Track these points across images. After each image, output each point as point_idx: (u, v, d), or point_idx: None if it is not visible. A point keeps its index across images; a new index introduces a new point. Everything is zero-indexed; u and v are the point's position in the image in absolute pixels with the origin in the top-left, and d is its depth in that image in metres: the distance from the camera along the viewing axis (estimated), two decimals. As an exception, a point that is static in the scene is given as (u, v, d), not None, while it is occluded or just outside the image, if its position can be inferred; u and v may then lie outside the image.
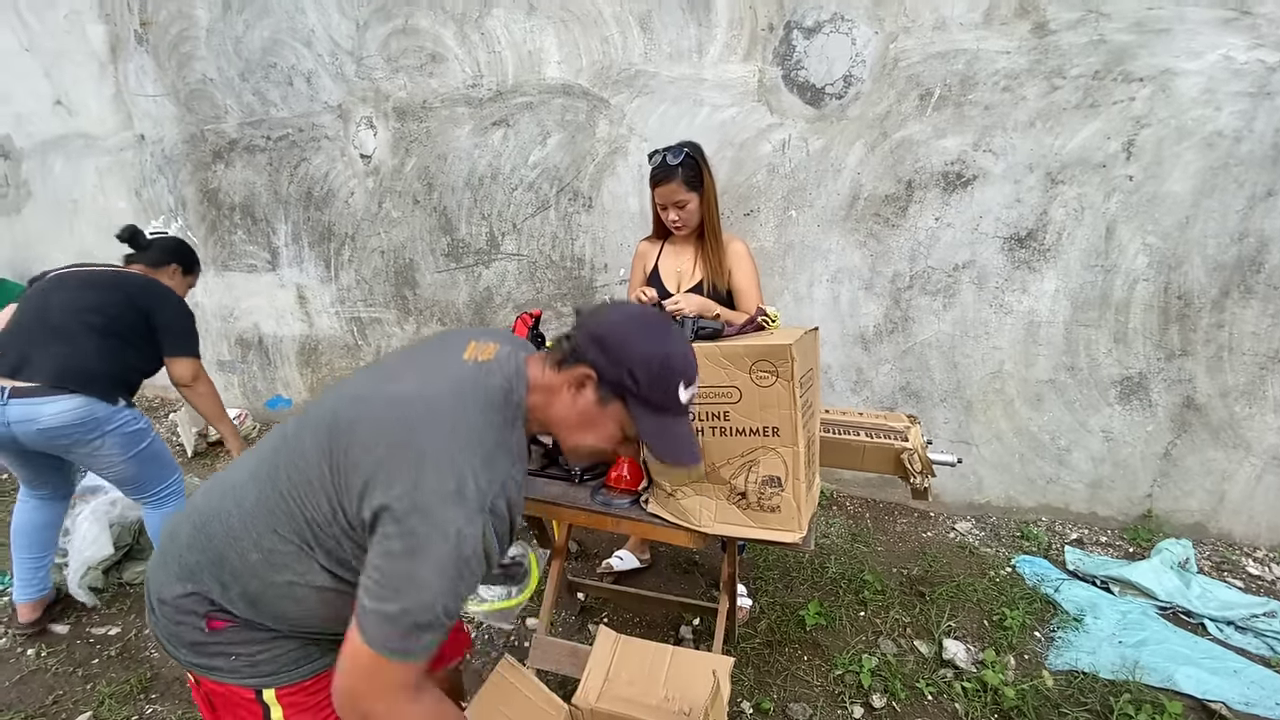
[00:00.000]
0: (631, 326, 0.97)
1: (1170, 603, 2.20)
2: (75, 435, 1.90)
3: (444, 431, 0.86)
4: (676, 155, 1.84)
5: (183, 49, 3.55)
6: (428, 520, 0.80)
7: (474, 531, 0.82)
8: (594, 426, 0.99)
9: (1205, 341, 2.36)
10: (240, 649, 0.96)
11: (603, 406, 0.96)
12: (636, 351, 0.94)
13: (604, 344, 0.95)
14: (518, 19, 2.83)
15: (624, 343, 0.95)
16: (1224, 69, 2.11)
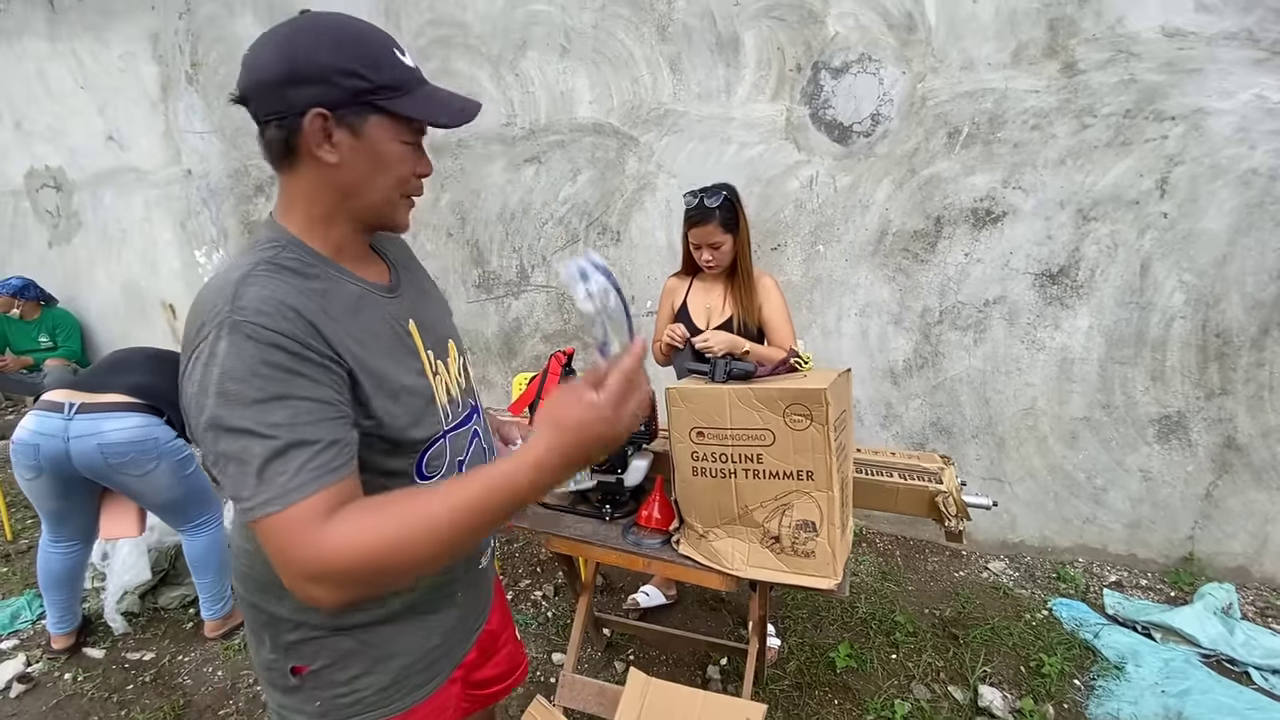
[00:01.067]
0: (290, 42, 0.72)
1: (1214, 650, 2.13)
2: (133, 454, 1.96)
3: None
4: (714, 198, 1.87)
5: (231, 88, 3.70)
6: (195, 374, 0.67)
7: (227, 349, 0.66)
8: (376, 170, 0.77)
9: (1245, 380, 2.31)
10: (333, 690, 0.85)
11: (360, 135, 0.74)
12: (324, 51, 0.71)
13: (295, 80, 0.71)
14: (551, 61, 2.92)
15: (307, 58, 0.71)
16: (1257, 108, 2.10)
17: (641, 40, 2.74)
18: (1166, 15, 2.12)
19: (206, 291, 0.71)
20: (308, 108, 0.71)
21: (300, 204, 0.78)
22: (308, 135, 0.72)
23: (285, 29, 0.74)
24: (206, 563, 2.24)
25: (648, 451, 1.67)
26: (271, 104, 0.73)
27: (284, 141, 0.74)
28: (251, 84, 0.73)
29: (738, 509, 1.39)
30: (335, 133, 0.73)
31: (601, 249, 3.06)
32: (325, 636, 0.84)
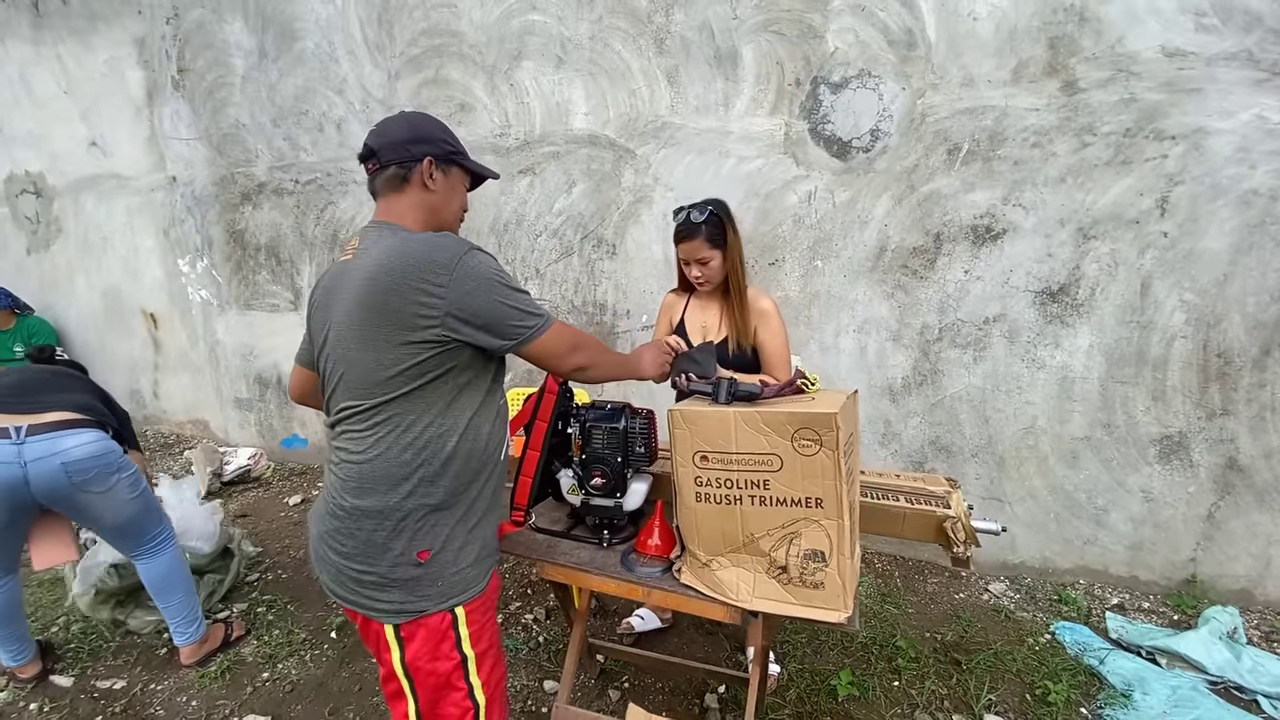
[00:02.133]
0: (413, 120, 1.25)
1: (1221, 677, 2.09)
2: (97, 469, 1.89)
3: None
4: (701, 212, 1.81)
5: (218, 95, 3.65)
6: (470, 276, 1.09)
7: (483, 259, 1.12)
8: (452, 194, 1.27)
9: (1247, 401, 2.29)
10: (448, 569, 1.15)
11: (446, 175, 1.24)
12: (433, 128, 1.24)
13: (419, 138, 1.20)
14: (546, 71, 2.88)
15: (426, 129, 1.23)
16: (1258, 129, 2.09)
17: (639, 52, 2.71)
18: (1167, 35, 2.11)
19: (431, 248, 1.10)
20: (424, 156, 1.20)
21: (409, 214, 1.21)
22: (421, 171, 1.20)
23: (405, 114, 1.30)
24: (171, 583, 2.14)
25: (647, 474, 1.61)
26: (397, 154, 1.19)
27: (403, 177, 1.20)
28: (384, 142, 1.20)
29: (743, 537, 1.33)
30: (436, 173, 1.22)
31: (596, 262, 3.01)
32: (440, 521, 1.16)
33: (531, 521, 1.62)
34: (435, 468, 1.14)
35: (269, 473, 3.91)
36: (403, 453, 1.12)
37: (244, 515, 3.41)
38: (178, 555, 2.18)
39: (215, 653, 2.27)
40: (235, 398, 4.20)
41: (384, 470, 1.13)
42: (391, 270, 1.07)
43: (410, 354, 1.09)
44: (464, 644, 1.18)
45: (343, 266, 1.18)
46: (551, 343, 1.18)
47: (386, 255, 1.10)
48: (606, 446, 1.52)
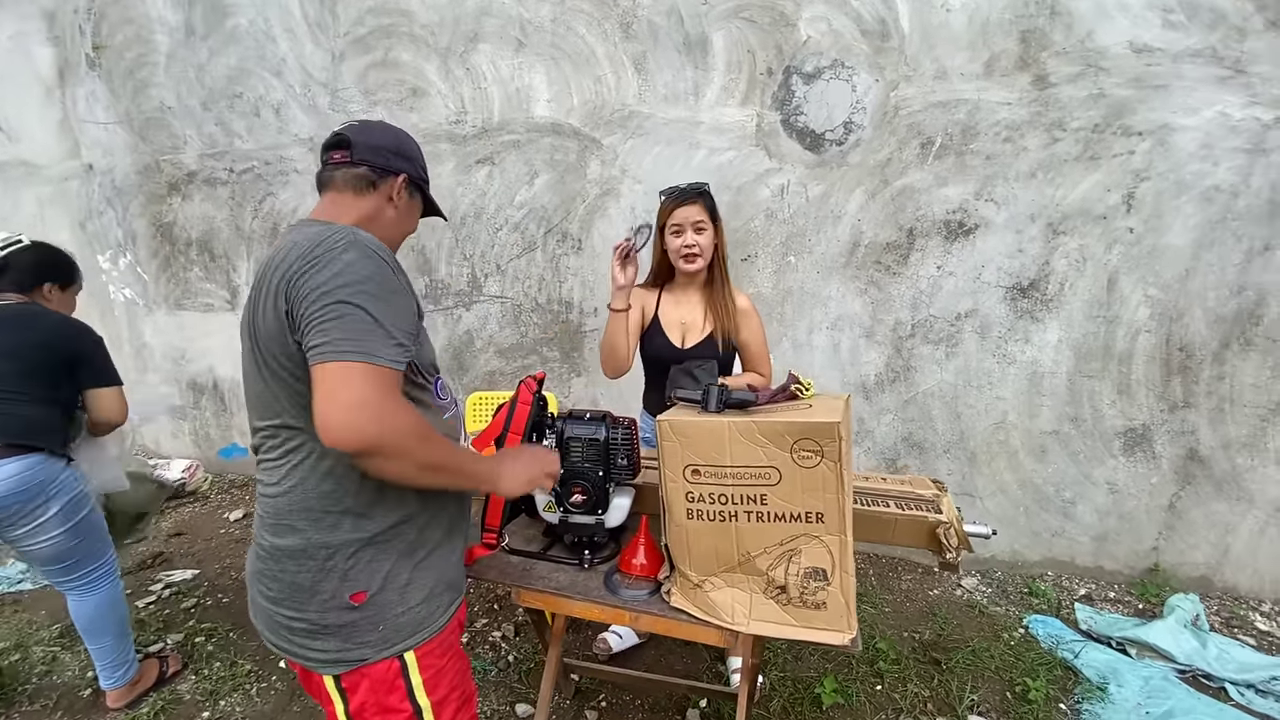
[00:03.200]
0: (398, 135, 1.17)
1: (1189, 665, 2.13)
2: (20, 503, 1.66)
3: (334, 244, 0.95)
4: (697, 186, 1.75)
5: (139, 75, 3.33)
6: (350, 273, 0.89)
7: (355, 256, 0.92)
8: (407, 219, 1.18)
9: (1207, 393, 2.34)
10: (391, 610, 1.00)
11: (410, 199, 1.17)
12: (413, 149, 1.18)
13: (401, 153, 1.14)
14: (505, 55, 2.72)
15: (406, 147, 1.16)
16: (1221, 125, 2.12)
17: (604, 37, 2.58)
18: (1135, 31, 2.12)
19: (317, 233, 0.94)
20: (400, 172, 1.13)
21: (354, 217, 1.07)
22: (393, 186, 1.12)
23: (390, 125, 1.19)
24: (103, 624, 1.91)
25: (630, 487, 1.50)
26: (376, 158, 1.10)
27: (370, 182, 1.10)
28: (365, 141, 1.10)
29: (738, 555, 1.24)
30: (403, 193, 1.14)
31: (561, 258, 2.88)
32: (376, 557, 1.00)
33: (505, 543, 1.49)
34: (366, 497, 0.98)
35: (206, 485, 3.63)
36: (321, 482, 0.97)
37: (179, 533, 3.15)
38: (114, 593, 1.94)
39: (148, 692, 2.05)
40: (167, 405, 3.88)
41: (301, 503, 0.97)
42: (287, 261, 0.93)
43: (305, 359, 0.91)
44: (417, 693, 1.04)
45: (264, 264, 1.05)
46: (325, 379, 0.85)
47: (291, 246, 0.95)
48: (586, 460, 1.41)
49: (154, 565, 2.84)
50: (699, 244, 1.76)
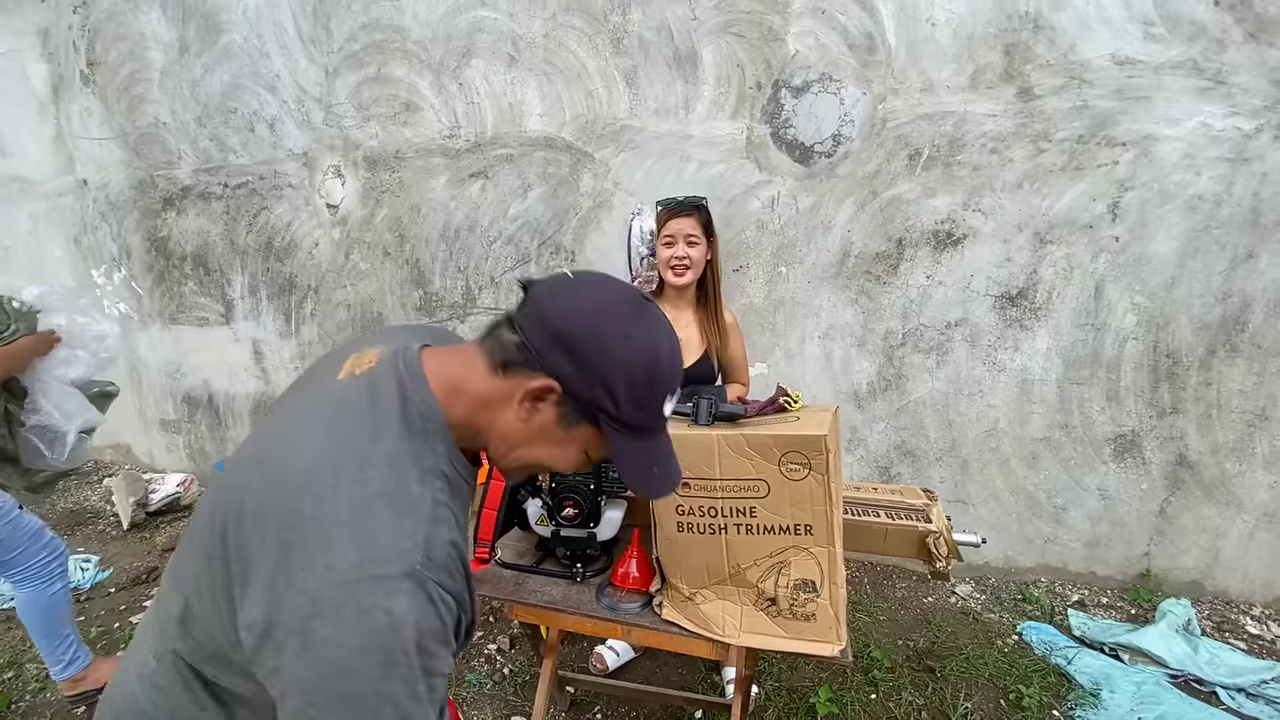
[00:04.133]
0: (608, 322, 0.70)
1: (1181, 670, 2.14)
2: None
3: (313, 509, 0.62)
4: (694, 199, 1.78)
5: (134, 91, 3.35)
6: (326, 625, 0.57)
7: (406, 608, 0.58)
8: (551, 445, 0.74)
9: (1195, 399, 2.36)
10: None
11: (565, 428, 0.72)
12: (617, 360, 0.69)
13: (574, 350, 0.68)
14: (498, 70, 2.75)
15: (600, 348, 0.69)
16: (1203, 135, 2.16)
17: (595, 52, 2.61)
18: (1117, 43, 2.15)
19: (342, 525, 0.61)
20: (554, 373, 0.69)
21: (471, 404, 0.72)
22: (527, 386, 0.69)
23: (607, 310, 0.71)
24: (29, 622, 1.95)
25: (621, 500, 1.51)
26: (539, 340, 0.69)
27: (518, 363, 0.70)
28: (544, 310, 0.70)
29: (729, 568, 1.25)
30: (546, 407, 0.71)
31: (555, 270, 2.89)
32: None
33: (497, 557, 1.50)
34: None
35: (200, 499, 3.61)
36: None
37: (173, 548, 3.13)
38: (37, 596, 1.92)
39: (93, 695, 2.05)
40: (161, 419, 3.88)
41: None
42: (290, 488, 0.65)
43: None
44: None
45: (326, 379, 0.76)
46: None
47: (315, 454, 0.66)
48: (578, 473, 1.42)
49: (149, 580, 2.84)
50: (690, 257, 1.78)
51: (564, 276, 0.75)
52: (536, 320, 0.70)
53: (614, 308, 0.71)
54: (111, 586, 2.80)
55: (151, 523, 3.36)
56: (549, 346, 0.69)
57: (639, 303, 0.73)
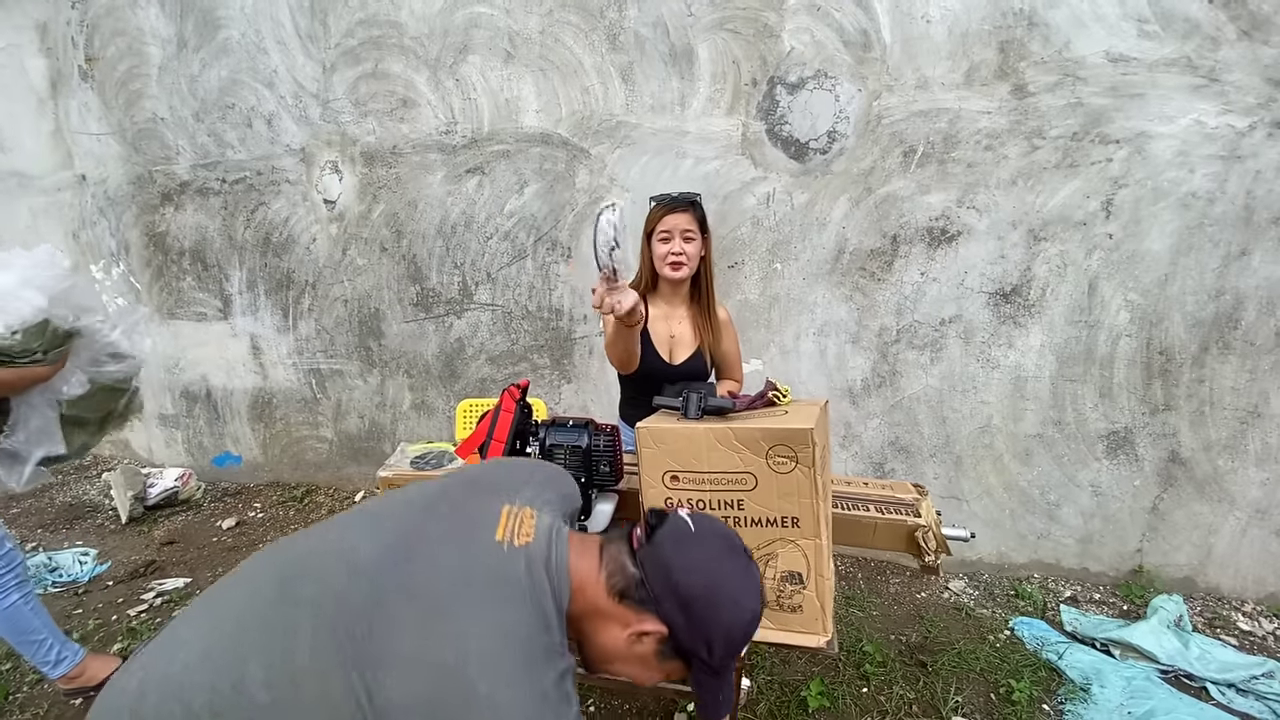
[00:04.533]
0: (722, 587, 0.83)
1: (1172, 665, 2.15)
2: None
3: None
4: (689, 195, 1.78)
5: (132, 86, 3.36)
6: None
7: None
8: (641, 669, 0.86)
9: (1188, 396, 2.37)
10: None
11: (660, 661, 0.84)
12: (723, 623, 0.82)
13: (688, 606, 0.81)
14: (494, 66, 2.75)
15: (712, 612, 0.81)
16: (1196, 133, 2.16)
17: (591, 48, 2.62)
18: (1111, 41, 2.16)
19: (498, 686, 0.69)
20: (666, 620, 0.81)
21: (587, 612, 0.83)
22: (641, 625, 0.81)
23: (733, 571, 0.85)
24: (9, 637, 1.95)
25: (612, 494, 1.52)
26: (659, 587, 0.81)
27: (634, 599, 0.82)
28: (666, 561, 0.83)
29: (717, 560, 1.26)
30: (649, 642, 0.82)
31: (551, 266, 2.91)
32: None
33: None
34: None
35: (199, 494, 3.63)
36: None
37: (171, 541, 3.15)
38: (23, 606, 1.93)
39: (89, 690, 2.06)
40: (160, 414, 3.89)
41: None
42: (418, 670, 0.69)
43: None
44: None
45: (475, 521, 0.84)
46: None
47: (478, 644, 0.71)
48: (568, 467, 1.43)
49: (146, 574, 2.85)
50: (686, 252, 1.78)
51: (685, 526, 0.87)
52: (658, 567, 0.82)
53: (728, 572, 0.85)
54: (110, 580, 2.81)
55: (149, 517, 3.37)
56: (667, 596, 0.81)
57: (747, 562, 0.87)
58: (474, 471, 1.01)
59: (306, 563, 0.81)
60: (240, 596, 0.80)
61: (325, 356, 3.43)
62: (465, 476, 0.98)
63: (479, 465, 1.04)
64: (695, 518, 0.90)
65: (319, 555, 0.82)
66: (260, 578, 0.82)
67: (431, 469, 1.71)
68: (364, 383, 3.40)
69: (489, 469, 1.01)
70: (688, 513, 0.94)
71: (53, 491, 3.74)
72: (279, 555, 0.86)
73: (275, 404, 3.62)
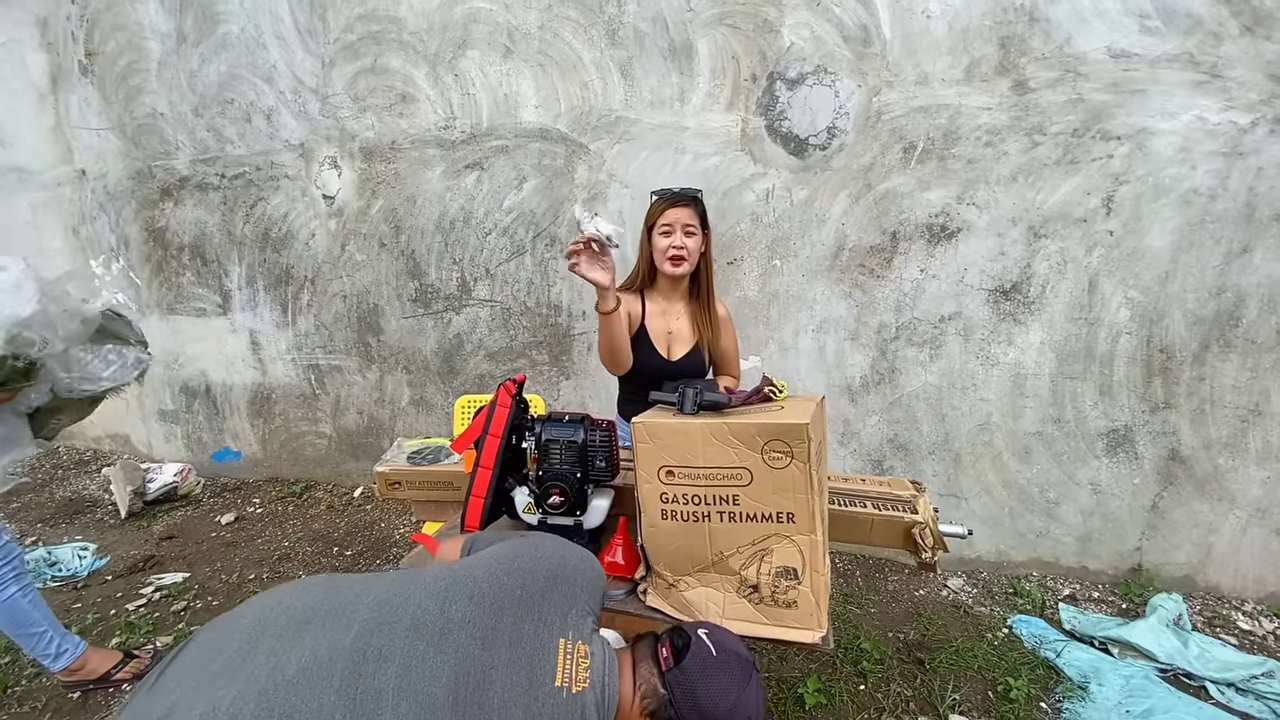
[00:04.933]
0: (739, 710, 0.92)
1: (1171, 664, 2.14)
2: None
3: None
4: (690, 190, 1.78)
5: (131, 81, 3.36)
6: None
7: None
8: None
9: (1188, 394, 2.36)
10: None
11: None
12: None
13: None
14: (493, 61, 2.75)
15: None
16: (1198, 129, 2.15)
17: (590, 43, 2.61)
18: (1112, 36, 2.15)
19: None
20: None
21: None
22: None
23: (749, 696, 0.94)
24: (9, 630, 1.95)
25: (609, 489, 1.52)
26: (688, 713, 0.91)
27: (666, 718, 0.92)
28: (695, 695, 0.92)
29: (711, 555, 1.26)
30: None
31: (550, 262, 2.90)
32: None
33: (485, 544, 1.50)
34: None
35: (198, 489, 3.64)
36: None
37: (170, 537, 3.16)
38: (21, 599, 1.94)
39: (89, 684, 2.06)
40: (159, 409, 3.90)
41: None
42: None
43: None
44: None
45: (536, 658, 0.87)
46: None
47: None
48: (564, 462, 1.43)
49: (145, 568, 2.86)
50: (687, 247, 1.77)
51: (708, 651, 0.96)
52: (687, 693, 0.91)
53: (746, 694, 0.94)
54: (108, 574, 2.82)
55: (149, 511, 3.38)
56: (690, 709, 0.90)
57: (757, 680, 0.98)
58: (521, 577, 0.99)
59: (381, 673, 0.79)
60: (299, 668, 0.78)
61: (324, 352, 3.43)
62: (516, 587, 0.97)
63: (522, 563, 1.02)
64: (714, 638, 0.99)
65: (392, 666, 0.81)
66: (323, 664, 0.79)
67: (428, 464, 1.71)
68: (363, 378, 3.40)
69: (536, 575, 1.00)
70: (707, 632, 1.00)
71: (52, 486, 3.75)
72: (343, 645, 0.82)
73: (274, 399, 3.62)
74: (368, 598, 0.90)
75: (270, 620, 0.85)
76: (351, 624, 0.84)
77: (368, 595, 0.90)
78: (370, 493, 3.48)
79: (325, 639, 0.81)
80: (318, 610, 0.87)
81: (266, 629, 0.84)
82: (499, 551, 1.07)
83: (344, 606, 0.88)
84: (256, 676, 0.76)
